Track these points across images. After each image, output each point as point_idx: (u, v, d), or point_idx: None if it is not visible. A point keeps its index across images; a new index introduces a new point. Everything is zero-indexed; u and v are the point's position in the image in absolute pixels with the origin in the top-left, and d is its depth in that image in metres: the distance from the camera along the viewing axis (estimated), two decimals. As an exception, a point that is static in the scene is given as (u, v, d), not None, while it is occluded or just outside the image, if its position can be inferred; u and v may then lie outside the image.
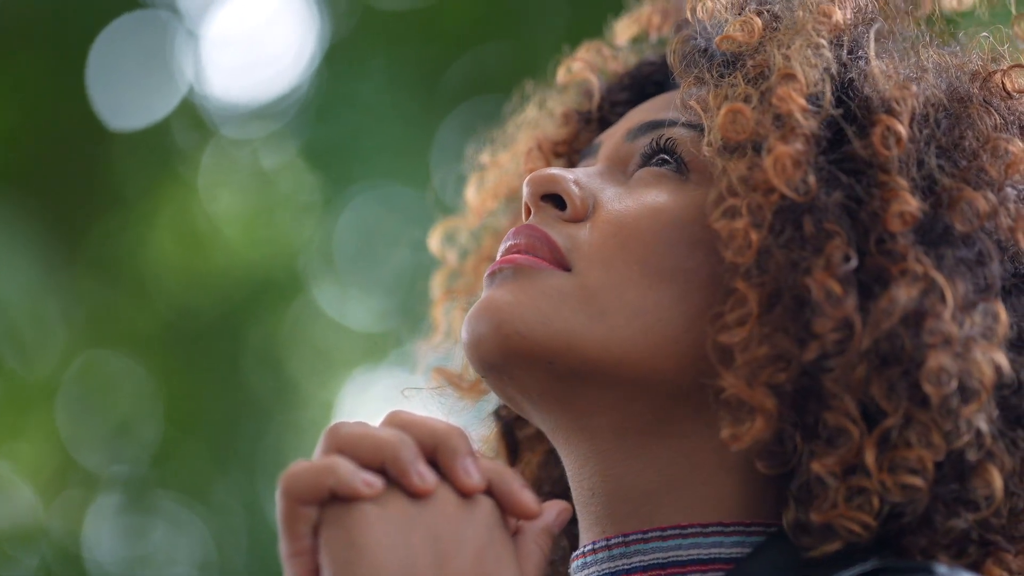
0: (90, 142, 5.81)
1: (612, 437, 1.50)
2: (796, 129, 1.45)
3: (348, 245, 6.08)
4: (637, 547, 1.48)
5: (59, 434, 5.95)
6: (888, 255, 1.42)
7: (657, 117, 1.59)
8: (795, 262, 1.42)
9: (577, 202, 1.54)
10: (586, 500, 1.53)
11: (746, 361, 1.43)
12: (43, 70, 5.78)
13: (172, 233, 5.92)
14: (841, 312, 1.40)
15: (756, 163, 1.45)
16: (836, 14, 1.53)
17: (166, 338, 5.97)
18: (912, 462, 1.39)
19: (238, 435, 6.11)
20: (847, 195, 1.44)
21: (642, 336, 1.48)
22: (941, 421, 1.39)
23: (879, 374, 1.40)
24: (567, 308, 1.49)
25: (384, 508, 1.31)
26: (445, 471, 1.35)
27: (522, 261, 1.51)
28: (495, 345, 1.49)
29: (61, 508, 5.91)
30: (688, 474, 1.49)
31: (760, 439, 1.43)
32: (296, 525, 1.31)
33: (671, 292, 1.48)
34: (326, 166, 5.97)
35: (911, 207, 1.43)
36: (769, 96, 1.47)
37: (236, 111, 5.98)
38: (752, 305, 1.43)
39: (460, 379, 1.76)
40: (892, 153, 1.45)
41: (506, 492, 1.36)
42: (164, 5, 5.86)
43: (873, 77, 1.49)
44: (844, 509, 1.40)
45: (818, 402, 1.42)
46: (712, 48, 1.55)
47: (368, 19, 5.87)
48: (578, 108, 1.77)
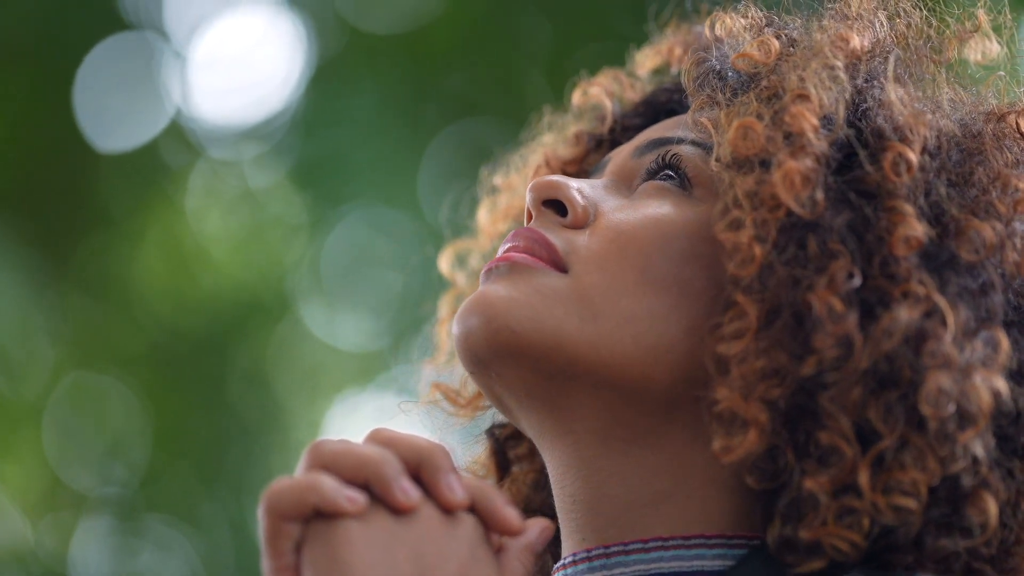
0: (77, 163, 5.81)
1: (597, 443, 1.50)
2: (807, 147, 1.46)
3: (335, 266, 6.09)
4: (618, 559, 1.48)
5: (46, 455, 5.94)
6: (891, 278, 1.43)
7: (665, 135, 1.60)
8: (797, 279, 1.43)
9: (579, 209, 1.54)
10: (568, 507, 1.52)
11: (742, 374, 1.43)
12: (30, 90, 5.78)
13: (159, 254, 5.91)
14: (842, 329, 1.40)
15: (764, 178, 1.46)
16: (854, 40, 1.54)
17: (153, 358, 5.96)
18: (906, 485, 1.39)
19: (225, 455, 6.10)
20: (854, 216, 1.45)
21: (632, 342, 1.48)
22: (937, 445, 1.39)
23: (876, 395, 1.40)
24: (560, 308, 1.49)
25: (367, 525, 1.32)
26: (428, 488, 1.35)
27: (518, 259, 1.52)
28: (485, 339, 1.49)
29: (49, 529, 5.90)
30: (672, 486, 1.49)
31: (751, 453, 1.43)
32: (279, 542, 1.31)
33: (665, 301, 1.49)
34: (313, 187, 5.97)
35: (917, 232, 1.43)
36: (781, 114, 1.49)
37: (223, 132, 5.99)
38: (751, 319, 1.44)
39: (457, 395, 1.76)
40: (902, 180, 1.46)
41: (489, 509, 1.36)
42: (151, 26, 5.86)
43: (888, 104, 1.50)
44: (834, 527, 1.40)
45: (812, 420, 1.42)
46: (726, 70, 1.56)
47: (355, 41, 5.88)
48: (590, 130, 1.78)
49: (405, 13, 5.85)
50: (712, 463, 1.48)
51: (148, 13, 5.83)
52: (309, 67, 5.90)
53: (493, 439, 1.75)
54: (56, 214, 5.86)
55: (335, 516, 1.31)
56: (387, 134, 5.87)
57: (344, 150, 5.86)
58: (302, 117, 5.92)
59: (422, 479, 1.35)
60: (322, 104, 5.89)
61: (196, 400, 6.07)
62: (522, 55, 5.79)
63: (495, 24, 5.86)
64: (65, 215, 5.86)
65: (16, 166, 5.83)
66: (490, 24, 5.86)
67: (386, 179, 5.91)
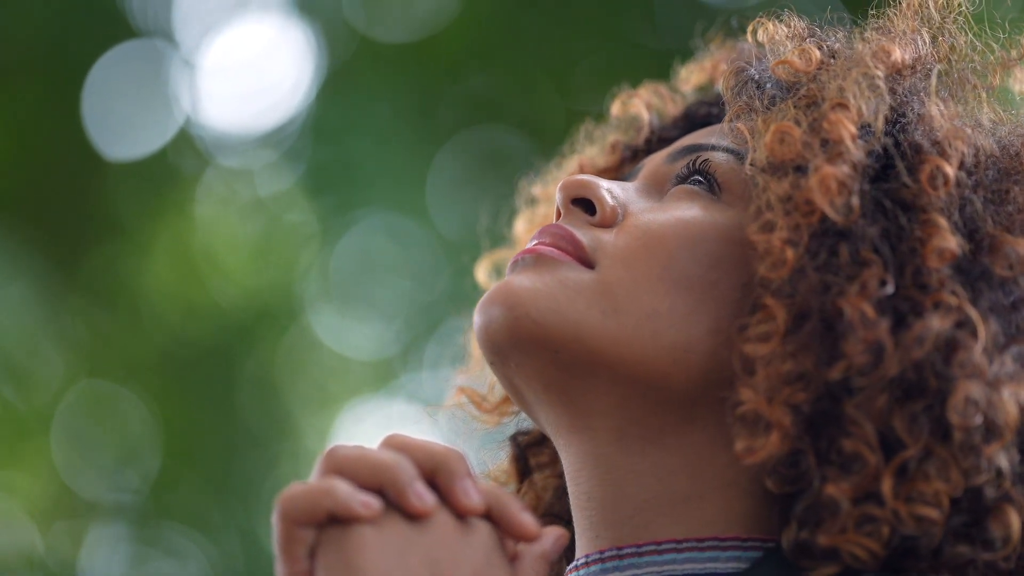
0: (86, 171, 5.81)
1: (613, 441, 1.50)
2: (844, 154, 1.46)
3: (345, 273, 6.09)
4: (631, 560, 1.48)
5: (56, 463, 5.95)
6: (923, 288, 1.43)
7: (697, 142, 1.60)
8: (828, 285, 1.43)
9: (607, 208, 1.55)
10: (582, 505, 1.52)
11: (767, 376, 1.43)
12: (39, 99, 5.79)
13: (169, 262, 5.92)
14: (873, 334, 1.41)
15: (799, 183, 1.47)
16: (896, 53, 1.55)
17: (163, 366, 5.97)
18: (929, 495, 1.39)
19: (235, 462, 6.10)
20: (887, 226, 1.45)
21: (652, 339, 1.48)
22: (961, 457, 1.40)
23: (902, 404, 1.41)
24: (582, 300, 1.49)
25: (381, 531, 1.31)
26: (443, 493, 1.35)
27: (545, 251, 1.52)
28: (505, 327, 1.49)
29: (59, 537, 5.90)
30: (688, 486, 1.49)
31: (774, 455, 1.43)
32: (293, 547, 1.31)
33: (688, 301, 1.49)
34: (323, 195, 5.97)
35: (951, 244, 1.44)
36: (820, 121, 1.49)
37: (233, 140, 5.99)
38: (780, 322, 1.44)
39: (483, 399, 1.76)
40: (938, 193, 1.46)
41: (504, 514, 1.35)
42: (160, 34, 5.87)
43: (928, 118, 1.51)
44: (853, 535, 1.40)
45: (836, 427, 1.42)
46: (764, 79, 1.57)
47: (365, 49, 5.89)
48: (627, 141, 1.78)
49: (415, 21, 5.86)
50: (729, 465, 1.48)
51: (157, 21, 5.83)
52: (319, 75, 5.91)
53: (515, 445, 1.75)
54: (65, 223, 5.87)
55: (350, 521, 1.31)
56: (396, 142, 5.87)
57: (353, 158, 5.86)
58: (312, 125, 5.93)
59: (437, 484, 1.35)
60: (331, 112, 5.90)
61: (206, 408, 6.07)
62: (531, 63, 5.80)
63: (504, 32, 5.87)
64: (74, 224, 5.87)
65: (25, 175, 5.84)
66: (499, 32, 5.86)
67: (395, 186, 5.91)
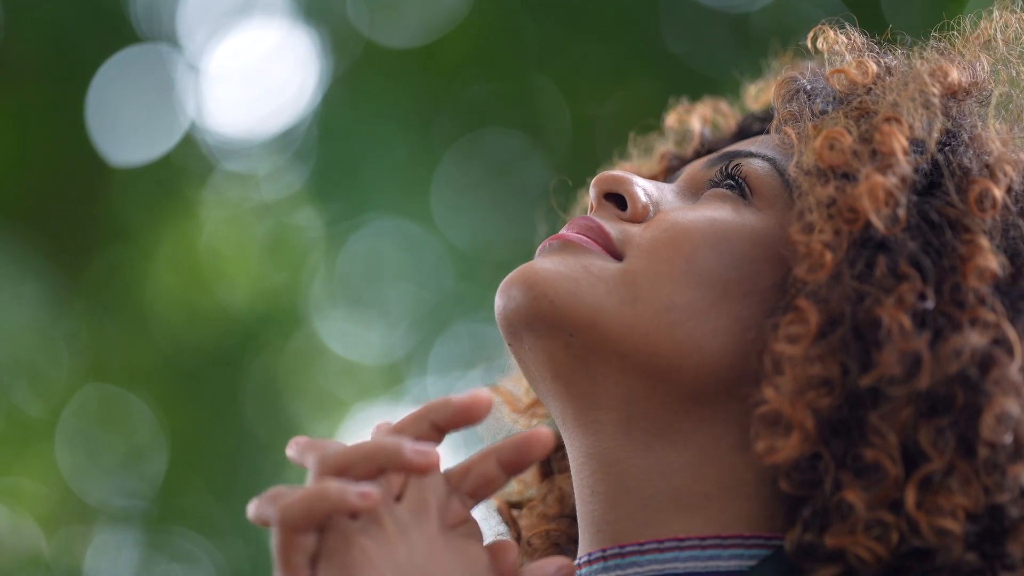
0: (91, 176, 5.82)
1: (619, 435, 1.51)
2: (894, 166, 1.47)
3: (350, 278, 6.09)
4: (633, 559, 1.49)
5: (61, 468, 5.95)
6: (960, 305, 1.44)
7: (736, 149, 1.62)
8: (862, 294, 1.44)
9: (639, 204, 1.57)
10: (586, 498, 1.53)
11: (794, 377, 1.44)
12: (44, 104, 5.80)
13: (174, 267, 5.92)
14: (911, 345, 1.41)
15: (845, 189, 1.48)
16: (953, 74, 1.56)
17: (168, 371, 5.97)
18: (951, 509, 1.40)
19: (240, 467, 6.10)
20: (929, 242, 1.46)
21: (667, 331, 1.49)
22: (984, 474, 1.40)
23: (928, 419, 1.41)
24: (602, 286, 1.51)
25: (384, 547, 1.33)
26: (448, 426, 1.40)
27: (572, 238, 1.55)
28: (523, 306, 1.51)
29: (64, 543, 5.91)
30: (692, 483, 1.50)
31: (794, 456, 1.43)
32: (293, 555, 1.32)
33: (707, 297, 1.50)
34: (327, 199, 5.98)
35: (992, 264, 1.45)
36: (871, 132, 1.50)
37: (238, 145, 6.00)
38: (811, 325, 1.44)
39: (516, 400, 1.77)
40: (985, 215, 1.48)
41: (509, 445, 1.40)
42: (165, 39, 5.87)
43: (981, 140, 1.53)
44: (862, 537, 1.40)
45: (858, 435, 1.43)
46: (816, 89, 1.58)
47: (370, 54, 5.89)
48: (677, 152, 1.79)
49: (420, 25, 5.86)
50: (735, 465, 1.49)
51: (162, 25, 5.83)
52: (324, 79, 5.91)
53: None
54: (70, 227, 5.88)
55: (353, 516, 1.33)
56: (401, 145, 5.88)
57: (359, 161, 5.86)
58: (317, 129, 5.93)
59: (440, 429, 1.40)
60: (337, 115, 5.90)
61: (211, 412, 6.08)
62: (536, 66, 5.80)
63: (509, 36, 5.87)
64: (79, 228, 5.88)
65: (30, 179, 5.85)
66: (504, 36, 5.87)
67: (401, 190, 5.92)
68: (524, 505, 1.74)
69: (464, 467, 1.42)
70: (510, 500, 1.75)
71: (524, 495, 1.75)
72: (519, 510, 1.75)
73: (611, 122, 5.51)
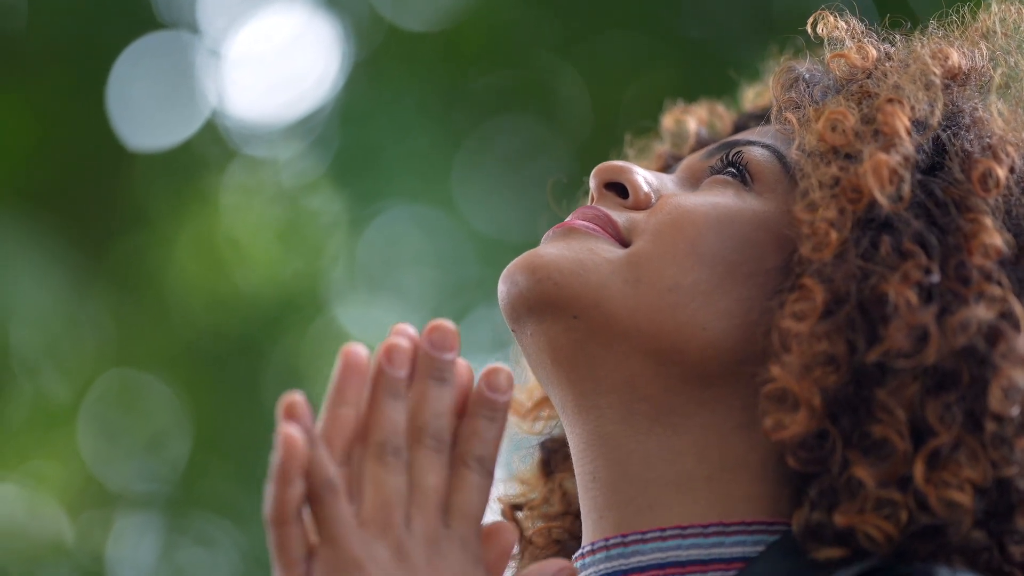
0: (112, 162, 5.83)
1: (620, 419, 1.52)
2: (898, 145, 1.48)
3: (371, 263, 6.09)
4: (636, 547, 1.49)
5: (83, 452, 5.97)
6: (964, 282, 1.45)
7: (734, 139, 1.63)
8: (867, 272, 1.45)
9: (640, 192, 1.58)
10: (588, 485, 1.53)
11: (801, 354, 1.44)
12: (65, 90, 5.81)
13: (195, 252, 5.93)
14: (918, 319, 1.42)
15: (848, 168, 1.49)
16: (954, 57, 1.57)
17: (189, 356, 5.98)
18: (959, 482, 1.40)
19: (262, 452, 6.09)
20: (933, 220, 1.47)
21: (671, 312, 1.50)
22: (992, 448, 1.41)
23: (935, 393, 1.42)
24: (607, 267, 1.52)
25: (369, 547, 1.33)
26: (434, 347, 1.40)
27: (579, 225, 1.56)
28: (527, 290, 1.52)
29: (87, 527, 5.93)
30: (694, 468, 1.50)
31: (802, 433, 1.43)
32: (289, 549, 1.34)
33: (711, 279, 1.51)
34: (349, 184, 5.98)
35: (997, 242, 1.46)
36: (874, 113, 1.51)
37: (259, 130, 6.00)
38: (817, 303, 1.45)
39: (520, 404, 1.78)
40: (989, 194, 1.49)
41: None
42: (185, 25, 5.87)
43: (983, 122, 1.54)
44: (871, 516, 1.40)
45: (864, 411, 1.43)
46: (815, 78, 1.60)
47: (391, 38, 5.88)
48: (673, 151, 1.80)
49: (441, 9, 5.85)
50: (737, 448, 1.50)
51: (182, 12, 5.84)
52: (346, 64, 5.91)
53: (543, 450, 1.77)
54: (92, 214, 5.89)
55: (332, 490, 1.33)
56: (422, 130, 5.87)
57: (380, 147, 5.86)
58: (338, 114, 5.93)
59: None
60: (358, 101, 5.90)
61: (233, 397, 6.09)
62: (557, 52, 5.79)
63: (529, 23, 5.86)
64: (100, 215, 5.89)
65: (51, 166, 5.86)
66: (524, 23, 5.86)
67: (421, 175, 5.92)
68: (527, 507, 1.75)
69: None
70: (513, 502, 1.75)
71: (527, 497, 1.76)
72: (522, 512, 1.75)
73: (632, 109, 5.49)
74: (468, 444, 1.38)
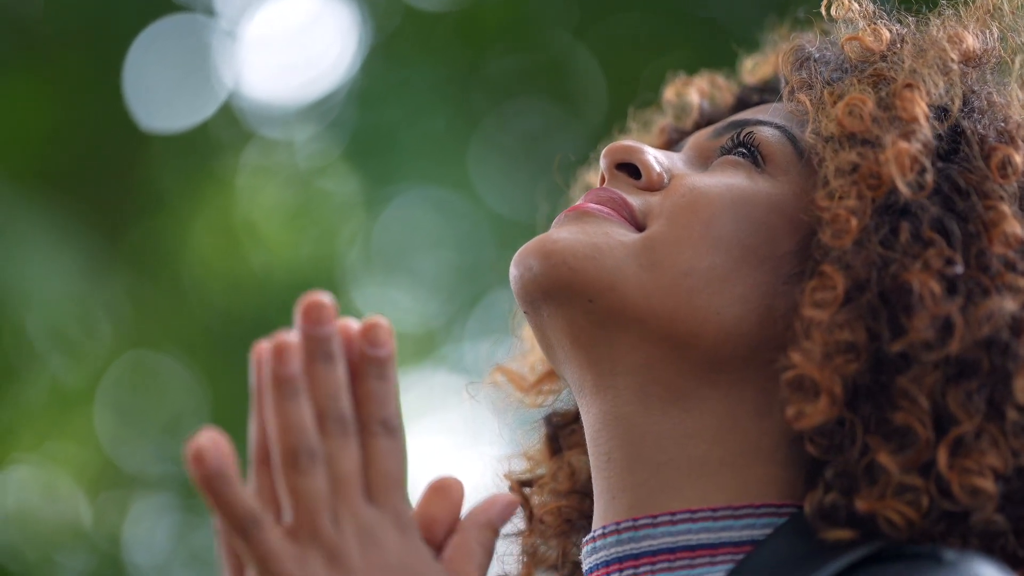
0: (128, 144, 5.84)
1: (635, 400, 1.51)
2: (917, 132, 1.48)
3: (388, 245, 6.09)
4: (646, 531, 1.49)
5: (100, 434, 5.98)
6: (985, 270, 1.45)
7: (744, 118, 1.62)
8: (887, 260, 1.45)
9: (653, 172, 1.56)
10: (602, 465, 1.53)
11: (822, 342, 1.44)
12: (82, 73, 5.81)
13: (211, 234, 5.94)
14: (944, 310, 1.42)
15: (867, 154, 1.48)
16: (968, 40, 1.56)
17: (206, 337, 5.99)
18: (983, 469, 1.40)
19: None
20: (952, 208, 1.47)
21: (686, 296, 1.49)
22: (1013, 436, 1.41)
23: (957, 382, 1.42)
24: (622, 250, 1.51)
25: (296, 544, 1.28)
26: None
27: (592, 208, 1.55)
28: (541, 275, 1.50)
29: (104, 508, 5.94)
30: (707, 449, 1.50)
31: (823, 421, 1.43)
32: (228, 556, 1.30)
33: (725, 262, 1.50)
34: (366, 166, 5.98)
35: (1017, 230, 1.46)
36: (891, 99, 1.51)
37: (275, 112, 6.00)
38: (838, 291, 1.45)
39: (522, 379, 1.77)
40: (1008, 180, 1.48)
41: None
42: (201, 8, 5.87)
43: (999, 106, 1.54)
44: (892, 501, 1.40)
45: (886, 399, 1.43)
46: (826, 57, 1.59)
47: (408, 20, 5.88)
48: (676, 125, 1.79)
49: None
50: (750, 431, 1.50)
51: (198, -7, 5.85)
52: (362, 45, 5.90)
53: (549, 425, 1.76)
54: (108, 196, 5.90)
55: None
56: (439, 112, 5.87)
57: (396, 128, 5.86)
58: (355, 96, 5.93)
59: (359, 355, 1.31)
60: (375, 82, 5.89)
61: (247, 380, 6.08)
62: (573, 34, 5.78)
63: (547, 3, 5.85)
64: (117, 197, 5.90)
65: (68, 148, 5.87)
66: (542, 3, 5.85)
67: (438, 157, 5.91)
68: (535, 483, 1.74)
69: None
70: (521, 479, 1.75)
71: (535, 473, 1.75)
72: (530, 488, 1.74)
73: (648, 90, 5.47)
74: (366, 409, 1.30)
